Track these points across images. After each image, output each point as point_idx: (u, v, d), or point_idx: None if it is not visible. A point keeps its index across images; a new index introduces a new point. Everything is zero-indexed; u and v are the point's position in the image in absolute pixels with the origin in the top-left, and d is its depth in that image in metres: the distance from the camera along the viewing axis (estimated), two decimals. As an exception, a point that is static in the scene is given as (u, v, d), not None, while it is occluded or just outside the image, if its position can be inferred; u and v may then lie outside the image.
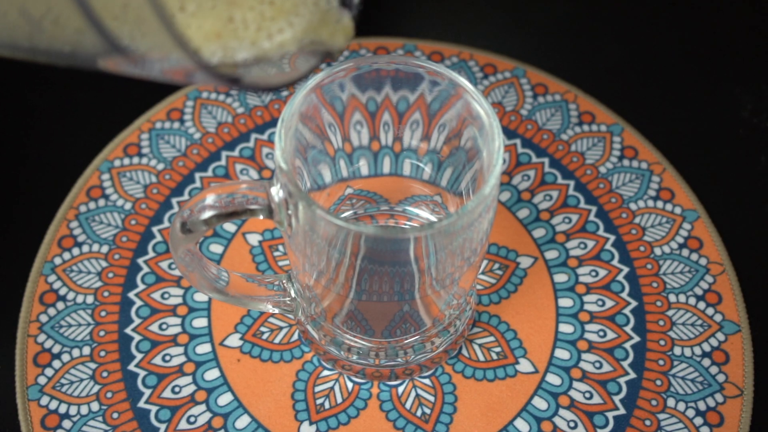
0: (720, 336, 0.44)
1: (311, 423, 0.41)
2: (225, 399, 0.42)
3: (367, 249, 0.33)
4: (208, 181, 0.49)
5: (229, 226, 0.48)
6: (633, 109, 0.53)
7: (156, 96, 0.53)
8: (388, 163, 0.43)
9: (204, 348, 0.44)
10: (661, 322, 0.45)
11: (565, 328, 0.44)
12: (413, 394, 0.42)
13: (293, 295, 0.41)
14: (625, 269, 0.46)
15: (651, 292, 0.46)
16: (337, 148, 0.40)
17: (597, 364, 0.43)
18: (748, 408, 0.42)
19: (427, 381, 0.43)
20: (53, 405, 0.42)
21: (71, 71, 0.56)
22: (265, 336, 0.44)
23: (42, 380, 0.42)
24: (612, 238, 0.47)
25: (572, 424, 0.41)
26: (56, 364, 0.43)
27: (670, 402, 0.42)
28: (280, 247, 0.47)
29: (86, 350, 0.43)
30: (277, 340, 0.44)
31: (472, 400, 0.42)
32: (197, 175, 0.50)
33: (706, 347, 0.44)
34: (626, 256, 0.47)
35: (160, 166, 0.50)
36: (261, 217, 0.35)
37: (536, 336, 0.44)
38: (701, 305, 0.45)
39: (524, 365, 0.43)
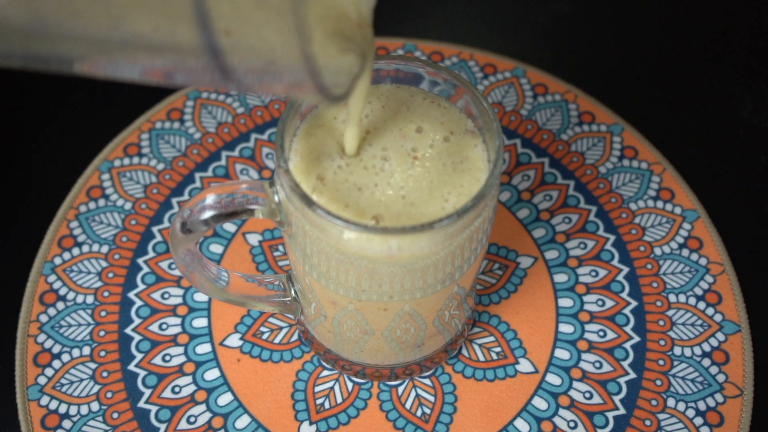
0: (720, 336, 0.44)
1: (311, 423, 0.41)
2: (225, 399, 0.42)
3: (367, 248, 0.33)
4: (208, 181, 0.49)
5: (229, 226, 0.48)
6: (633, 109, 0.53)
7: (156, 96, 0.53)
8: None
9: (204, 348, 0.44)
10: (661, 322, 0.45)
11: (565, 328, 0.44)
12: (413, 394, 0.42)
13: (293, 295, 0.41)
14: (625, 269, 0.46)
15: (651, 292, 0.46)
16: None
17: (597, 364, 0.43)
18: (748, 408, 0.42)
19: (427, 381, 0.43)
20: (53, 405, 0.42)
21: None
22: (265, 336, 0.44)
23: (42, 380, 0.42)
24: (612, 238, 0.47)
25: (572, 424, 0.41)
26: (56, 364, 0.43)
27: (670, 402, 0.42)
28: (280, 247, 0.47)
29: (86, 350, 0.43)
30: (277, 340, 0.44)
31: (472, 400, 0.42)
32: (197, 175, 0.50)
33: (706, 347, 0.44)
34: (626, 256, 0.47)
35: (160, 166, 0.50)
36: (261, 217, 0.35)
37: (536, 336, 0.44)
38: (701, 305, 0.45)
39: (524, 365, 0.43)
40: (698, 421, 0.41)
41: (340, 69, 0.28)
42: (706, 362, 0.43)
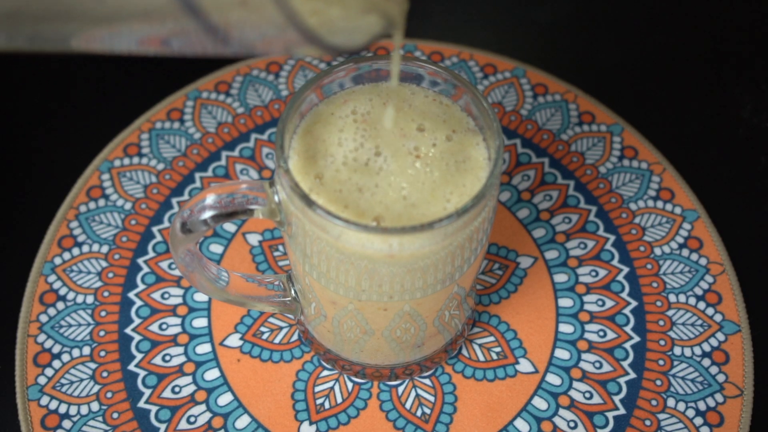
0: (720, 336, 0.44)
1: (311, 423, 0.41)
2: (225, 399, 0.42)
3: (367, 248, 0.33)
4: (208, 181, 0.49)
5: (229, 226, 0.48)
6: (633, 109, 0.53)
7: (156, 96, 0.53)
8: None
9: (204, 348, 0.44)
10: (661, 322, 0.45)
11: (565, 328, 0.44)
12: (413, 394, 0.42)
13: (293, 295, 0.41)
14: (625, 269, 0.46)
15: (651, 292, 0.46)
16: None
17: (597, 364, 0.43)
18: (748, 408, 0.42)
19: (427, 381, 0.43)
20: (53, 405, 0.42)
21: (71, 69, 0.56)
22: (265, 336, 0.44)
23: (42, 380, 0.42)
24: (612, 238, 0.47)
25: (572, 424, 0.41)
26: (56, 364, 0.43)
27: (670, 402, 0.42)
28: (280, 247, 0.47)
29: (86, 350, 0.43)
30: (277, 340, 0.44)
31: (472, 400, 0.42)
32: (197, 175, 0.50)
33: (706, 347, 0.44)
34: (626, 256, 0.47)
35: (160, 166, 0.50)
36: (261, 217, 0.35)
37: (536, 336, 0.44)
38: (701, 305, 0.45)
39: (524, 365, 0.43)
40: (698, 421, 0.41)
41: (356, 29, 0.29)
42: (706, 362, 0.43)
